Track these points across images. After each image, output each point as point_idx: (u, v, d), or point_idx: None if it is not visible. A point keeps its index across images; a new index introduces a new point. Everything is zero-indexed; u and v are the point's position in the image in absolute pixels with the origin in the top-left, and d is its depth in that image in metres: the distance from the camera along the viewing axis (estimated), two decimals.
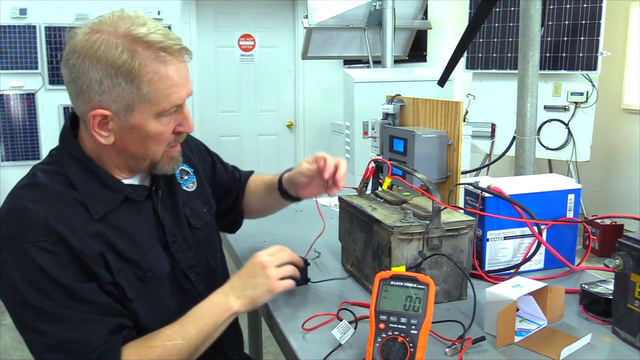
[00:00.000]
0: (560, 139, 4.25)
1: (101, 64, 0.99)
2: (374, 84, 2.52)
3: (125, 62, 0.98)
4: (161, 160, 1.11)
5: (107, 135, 1.04)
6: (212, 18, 5.37)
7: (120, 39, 0.99)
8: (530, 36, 2.19)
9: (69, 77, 1.02)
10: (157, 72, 1.01)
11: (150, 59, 1.00)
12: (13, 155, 4.93)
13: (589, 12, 3.96)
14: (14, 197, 1.05)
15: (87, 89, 1.01)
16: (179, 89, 1.04)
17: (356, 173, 2.53)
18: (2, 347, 3.09)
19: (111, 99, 1.01)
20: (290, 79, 5.67)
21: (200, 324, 1.07)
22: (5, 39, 4.84)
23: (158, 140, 1.07)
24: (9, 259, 0.98)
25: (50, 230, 0.98)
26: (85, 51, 0.99)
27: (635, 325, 1.02)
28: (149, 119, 1.04)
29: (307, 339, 1.07)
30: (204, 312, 1.09)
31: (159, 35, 1.01)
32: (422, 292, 0.94)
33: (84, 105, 1.03)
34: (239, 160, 5.59)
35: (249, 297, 1.11)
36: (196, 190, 1.30)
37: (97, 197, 1.06)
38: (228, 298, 1.10)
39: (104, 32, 1.00)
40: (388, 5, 3.33)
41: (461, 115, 1.51)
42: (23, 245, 0.97)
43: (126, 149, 1.07)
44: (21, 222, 0.99)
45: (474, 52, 4.41)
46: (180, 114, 1.09)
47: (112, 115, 1.02)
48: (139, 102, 1.02)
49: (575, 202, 1.40)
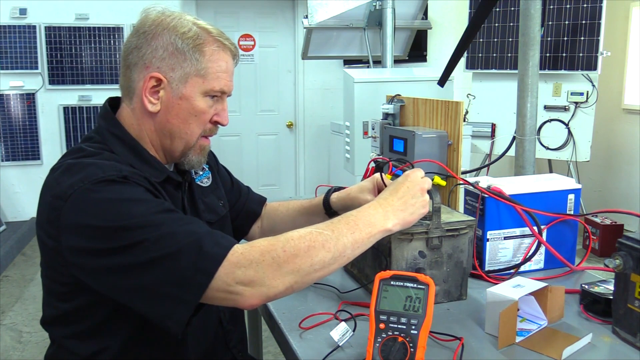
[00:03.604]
0: (560, 139, 4.25)
1: (173, 32, 1.08)
2: (374, 84, 2.52)
3: (192, 36, 1.09)
4: (193, 148, 1.15)
5: (155, 102, 1.10)
6: (212, 18, 5.37)
7: (189, 22, 1.11)
8: (530, 36, 2.19)
9: (135, 44, 1.09)
10: (216, 54, 1.11)
11: (212, 42, 1.11)
12: (13, 155, 4.93)
13: (589, 12, 3.96)
14: (68, 165, 1.02)
15: (150, 55, 1.08)
16: (228, 78, 1.14)
17: (356, 173, 2.53)
18: (2, 347, 3.09)
19: (170, 66, 1.09)
20: (290, 79, 5.67)
21: (353, 227, 0.99)
22: (5, 39, 4.84)
23: (199, 118, 1.13)
24: (82, 199, 0.95)
25: (119, 169, 1.00)
26: (158, 22, 1.09)
27: (635, 325, 1.02)
28: (197, 94, 1.11)
29: (307, 338, 1.07)
30: (360, 219, 1.01)
31: (217, 31, 1.13)
32: (422, 292, 0.94)
33: (140, 71, 1.09)
34: (238, 160, 5.60)
35: (405, 220, 1.05)
36: (211, 186, 1.33)
37: (143, 170, 1.08)
38: (387, 214, 1.03)
39: (175, 16, 1.11)
40: (388, 5, 3.33)
41: (461, 115, 1.51)
42: (96, 182, 0.96)
43: (168, 122, 1.11)
44: (87, 167, 0.99)
45: (474, 52, 4.41)
46: (220, 103, 1.16)
47: (166, 83, 1.09)
48: (195, 74, 1.09)
49: (575, 202, 1.40)
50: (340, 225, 0.99)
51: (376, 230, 1.01)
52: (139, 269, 0.93)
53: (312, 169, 5.81)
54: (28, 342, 3.14)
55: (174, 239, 0.93)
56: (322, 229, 0.97)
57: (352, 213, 1.02)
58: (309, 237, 0.95)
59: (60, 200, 0.97)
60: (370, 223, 1.01)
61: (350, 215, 1.02)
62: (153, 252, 0.92)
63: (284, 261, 0.93)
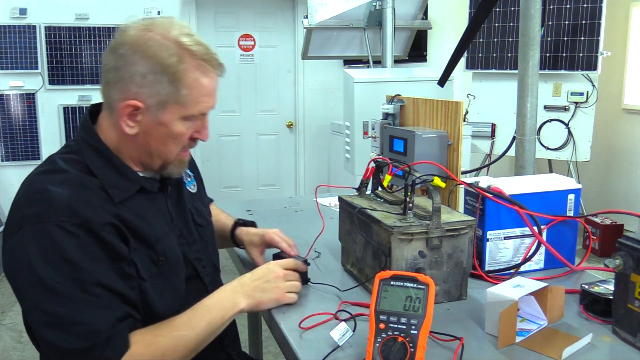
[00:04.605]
0: (560, 139, 4.25)
1: (151, 60, 1.05)
2: (374, 84, 2.52)
3: (173, 64, 1.06)
4: (172, 162, 1.16)
5: (132, 125, 1.09)
6: (212, 18, 5.37)
7: (171, 43, 1.07)
8: (530, 36, 2.19)
9: (113, 64, 1.07)
10: (198, 80, 1.09)
11: (194, 67, 1.08)
12: (13, 155, 4.92)
13: (589, 12, 3.95)
14: (32, 181, 1.08)
15: (128, 79, 1.06)
16: (210, 99, 1.13)
17: (356, 173, 2.53)
18: (2, 347, 3.09)
19: (148, 94, 1.07)
20: (290, 79, 5.67)
21: (208, 317, 1.10)
22: (5, 39, 4.84)
23: (177, 140, 1.13)
24: (29, 237, 1.00)
25: (73, 211, 1.01)
26: (137, 45, 1.06)
27: (635, 325, 1.02)
28: (176, 119, 1.10)
29: (307, 338, 1.07)
30: (212, 306, 1.12)
31: (202, 48, 1.09)
32: (422, 292, 0.94)
33: (119, 93, 1.08)
34: (238, 160, 5.60)
35: (256, 299, 1.16)
36: (197, 193, 1.35)
37: (115, 184, 1.09)
38: (237, 295, 1.15)
39: (156, 33, 1.07)
40: (388, 5, 3.32)
41: (461, 115, 1.51)
42: (44, 225, 1.00)
43: (146, 143, 1.12)
44: (44, 202, 1.02)
45: (474, 52, 4.41)
46: (201, 121, 1.15)
47: (144, 109, 1.08)
48: (174, 102, 1.08)
49: (575, 202, 1.40)
50: (196, 319, 1.10)
51: (228, 313, 1.13)
52: (42, 314, 1.00)
53: (312, 169, 5.81)
54: (28, 342, 3.12)
55: (76, 327, 0.98)
56: (183, 330, 1.08)
57: (205, 302, 1.13)
58: (172, 343, 1.06)
59: (12, 228, 1.04)
60: (222, 307, 1.13)
61: (204, 305, 1.13)
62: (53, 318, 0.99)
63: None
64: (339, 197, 1.44)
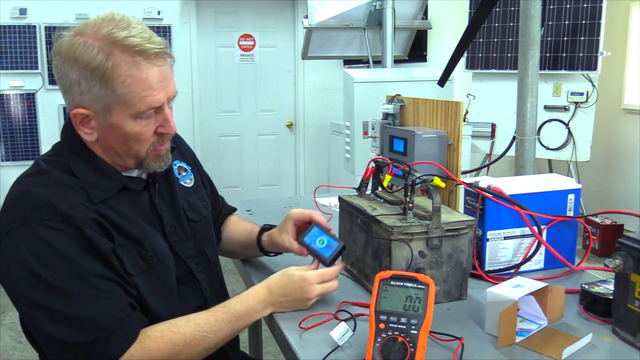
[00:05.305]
0: (560, 139, 4.25)
1: (78, 66, 1.03)
2: (374, 84, 2.52)
3: (99, 64, 1.02)
4: (147, 158, 1.14)
5: (90, 132, 1.09)
6: (212, 18, 5.37)
7: (98, 42, 1.03)
8: (530, 36, 2.19)
9: (56, 76, 1.08)
10: (131, 75, 1.03)
11: (124, 62, 1.03)
12: (13, 155, 4.93)
13: (589, 12, 3.95)
14: (17, 185, 1.08)
15: (69, 89, 1.06)
16: (155, 92, 1.06)
17: (356, 173, 2.53)
18: (2, 347, 3.09)
19: (89, 100, 1.05)
20: (290, 79, 5.67)
21: (234, 325, 1.12)
22: (5, 39, 4.84)
23: (138, 140, 1.10)
24: (17, 240, 1.00)
25: (55, 209, 1.01)
26: (65, 53, 1.04)
27: (635, 325, 1.02)
28: (126, 120, 1.07)
29: (307, 338, 1.07)
30: (241, 316, 1.12)
31: (138, 39, 1.03)
32: (422, 292, 0.94)
33: (68, 103, 1.09)
34: (238, 160, 5.60)
35: (283, 309, 1.17)
36: (193, 187, 1.34)
37: (96, 184, 1.09)
38: (266, 310, 1.16)
39: (85, 34, 1.04)
40: (388, 5, 3.33)
41: (461, 115, 1.51)
42: (30, 226, 1.00)
43: (109, 146, 1.11)
44: (26, 205, 1.02)
45: (474, 52, 4.41)
46: (160, 115, 1.11)
47: (92, 115, 1.07)
48: (115, 103, 1.05)
49: (575, 202, 1.40)
50: (223, 324, 1.10)
51: (253, 321, 1.15)
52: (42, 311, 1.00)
53: (312, 169, 5.81)
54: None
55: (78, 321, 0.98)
56: (207, 332, 1.07)
57: (234, 307, 1.12)
58: (194, 343, 1.06)
59: (1, 232, 1.03)
60: (250, 316, 1.14)
61: (232, 310, 1.12)
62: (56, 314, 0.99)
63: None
64: (339, 197, 1.44)
